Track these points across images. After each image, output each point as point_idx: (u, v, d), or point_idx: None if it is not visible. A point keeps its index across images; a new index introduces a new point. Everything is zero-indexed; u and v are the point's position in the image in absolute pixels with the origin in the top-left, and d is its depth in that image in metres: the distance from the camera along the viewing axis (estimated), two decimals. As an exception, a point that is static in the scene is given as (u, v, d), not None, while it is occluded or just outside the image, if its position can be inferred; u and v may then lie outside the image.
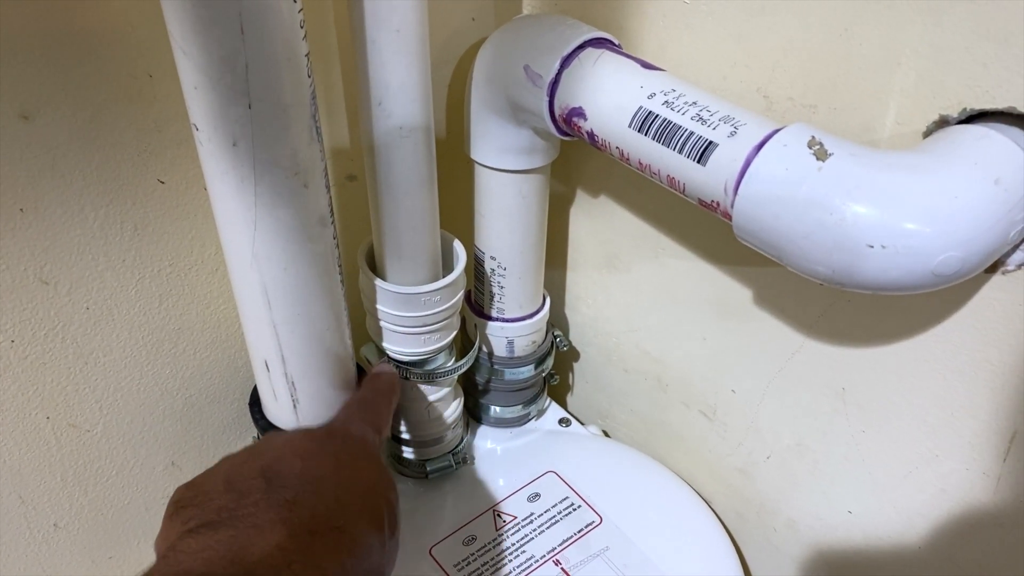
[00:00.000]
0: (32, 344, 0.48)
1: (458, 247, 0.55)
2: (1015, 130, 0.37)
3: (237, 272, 0.45)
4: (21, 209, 0.44)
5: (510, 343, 0.61)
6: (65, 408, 0.51)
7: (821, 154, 0.37)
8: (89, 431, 0.53)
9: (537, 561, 0.56)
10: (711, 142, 0.40)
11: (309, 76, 0.40)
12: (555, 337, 0.65)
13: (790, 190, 0.37)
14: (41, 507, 0.53)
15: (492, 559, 0.56)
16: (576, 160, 0.60)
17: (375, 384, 0.50)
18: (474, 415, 0.67)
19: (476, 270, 0.60)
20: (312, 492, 0.37)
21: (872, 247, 0.35)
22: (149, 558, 0.62)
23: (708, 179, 0.40)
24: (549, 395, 0.69)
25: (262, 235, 0.42)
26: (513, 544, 0.57)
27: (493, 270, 0.58)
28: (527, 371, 0.63)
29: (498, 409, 0.65)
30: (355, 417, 0.46)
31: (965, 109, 0.39)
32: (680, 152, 0.41)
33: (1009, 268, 0.40)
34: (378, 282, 0.51)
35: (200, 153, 0.40)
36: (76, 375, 0.51)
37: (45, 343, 0.48)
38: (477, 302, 0.62)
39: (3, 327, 0.46)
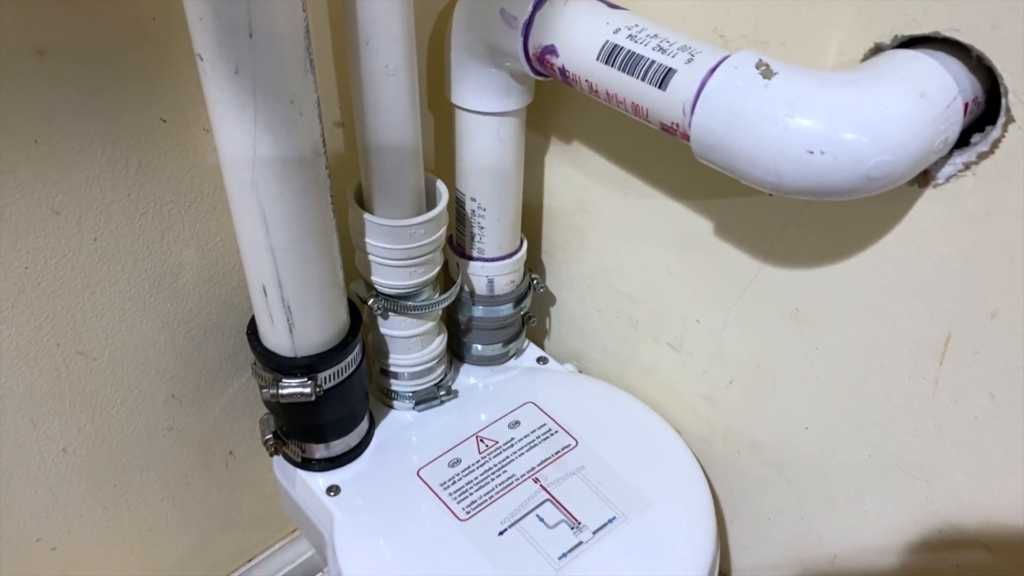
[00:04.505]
0: (44, 272, 0.51)
1: (440, 186, 0.59)
2: (941, 53, 0.42)
3: (237, 199, 0.48)
4: (35, 141, 0.47)
5: (490, 281, 0.65)
6: (74, 335, 0.54)
7: (767, 74, 0.41)
8: (96, 359, 0.56)
9: (517, 479, 0.60)
10: (671, 68, 0.44)
11: (304, 10, 0.44)
12: (532, 279, 0.69)
13: (740, 106, 0.41)
14: (51, 432, 0.57)
15: (476, 479, 0.60)
16: (549, 110, 0.64)
17: None
18: (457, 354, 0.71)
19: (458, 212, 0.64)
20: None
21: (812, 153, 0.39)
22: (151, 489, 0.66)
23: (668, 103, 0.44)
24: (527, 338, 0.73)
25: (261, 161, 0.46)
26: (495, 465, 0.61)
27: (473, 211, 0.62)
28: (507, 309, 0.67)
29: (479, 347, 0.69)
30: None
31: (896, 36, 0.43)
32: (643, 80, 0.45)
33: (939, 182, 0.45)
34: (367, 216, 0.55)
35: (204, 82, 0.44)
36: (84, 304, 0.54)
37: (56, 271, 0.52)
38: (459, 244, 0.66)
39: (18, 254, 0.49)
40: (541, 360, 0.72)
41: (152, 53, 0.50)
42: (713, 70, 0.43)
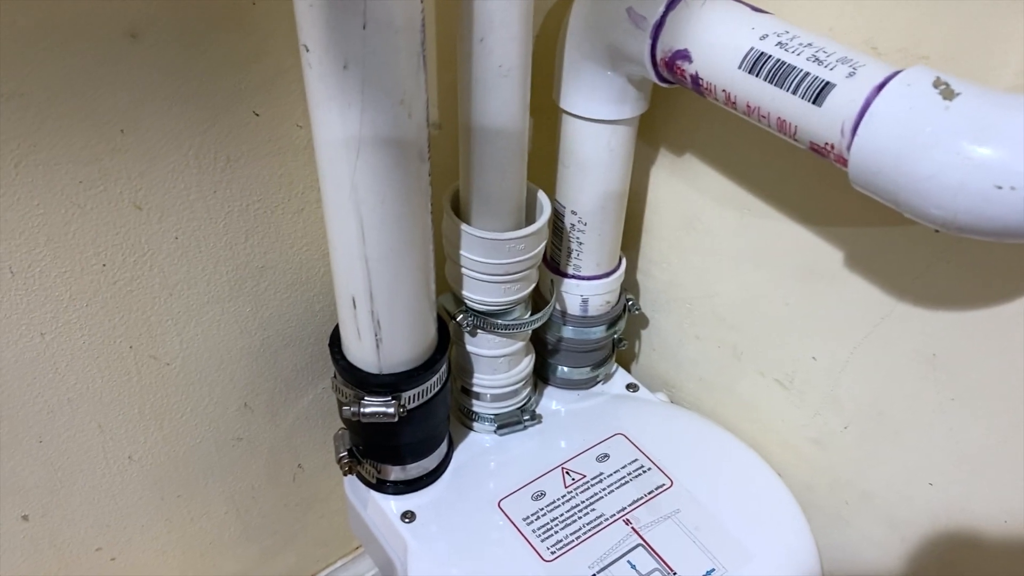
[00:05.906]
0: (122, 269, 0.48)
1: (542, 197, 0.54)
2: None
3: (333, 203, 0.44)
4: (122, 130, 0.44)
5: (584, 302, 0.61)
6: (148, 338, 0.51)
7: (947, 94, 0.36)
8: (168, 364, 0.53)
9: (607, 520, 0.55)
10: (828, 83, 0.39)
11: (422, 2, 0.40)
12: (627, 300, 0.64)
13: (914, 130, 0.36)
14: (118, 438, 0.54)
15: (562, 515, 0.56)
16: (662, 118, 0.59)
17: None
18: (541, 375, 0.66)
19: (555, 225, 0.59)
20: None
21: (1001, 188, 0.34)
22: (216, 500, 0.62)
23: (823, 120, 0.39)
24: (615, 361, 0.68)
25: (364, 164, 0.42)
26: (583, 502, 0.57)
27: (573, 225, 0.58)
28: (599, 331, 0.62)
29: (567, 370, 0.65)
30: None
31: (1095, 57, 0.38)
32: (794, 93, 0.40)
33: None
34: (463, 227, 0.51)
35: (307, 76, 0.40)
36: (160, 306, 0.51)
37: (134, 270, 0.48)
38: (553, 258, 0.61)
39: (96, 250, 0.46)
40: (631, 387, 0.67)
41: (249, 41, 0.46)
42: (881, 87, 0.37)
